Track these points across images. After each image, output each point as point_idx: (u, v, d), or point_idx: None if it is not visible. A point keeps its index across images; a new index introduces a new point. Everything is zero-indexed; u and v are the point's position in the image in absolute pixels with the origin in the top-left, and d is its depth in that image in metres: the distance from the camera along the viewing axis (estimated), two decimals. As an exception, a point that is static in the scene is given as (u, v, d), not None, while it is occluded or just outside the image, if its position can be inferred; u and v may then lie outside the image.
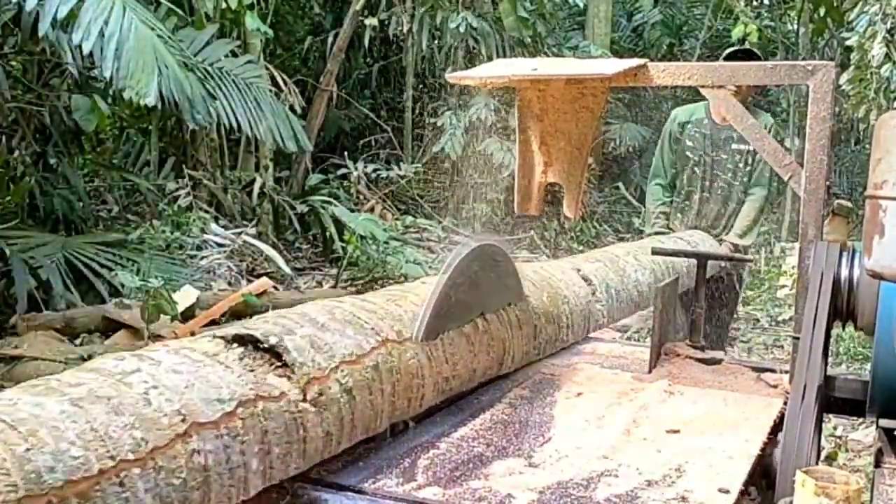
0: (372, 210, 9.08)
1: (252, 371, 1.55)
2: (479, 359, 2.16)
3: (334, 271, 7.70)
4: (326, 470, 1.72)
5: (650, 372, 2.54)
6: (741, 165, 4.54)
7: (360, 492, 1.65)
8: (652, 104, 12.63)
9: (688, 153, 4.61)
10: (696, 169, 4.59)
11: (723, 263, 4.18)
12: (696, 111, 4.65)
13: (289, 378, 1.58)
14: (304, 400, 1.58)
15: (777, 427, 2.09)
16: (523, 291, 2.41)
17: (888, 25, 5.94)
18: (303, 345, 1.65)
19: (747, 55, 4.25)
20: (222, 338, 1.62)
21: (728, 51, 4.48)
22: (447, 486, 1.67)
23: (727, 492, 1.69)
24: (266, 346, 1.60)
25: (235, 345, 1.60)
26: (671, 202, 4.71)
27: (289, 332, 1.66)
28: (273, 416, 1.50)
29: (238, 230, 7.55)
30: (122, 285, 5.58)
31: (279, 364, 1.60)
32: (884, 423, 2.18)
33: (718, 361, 2.68)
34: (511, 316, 2.32)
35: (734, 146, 4.52)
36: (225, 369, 1.51)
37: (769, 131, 3.83)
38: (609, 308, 2.97)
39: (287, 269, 7.27)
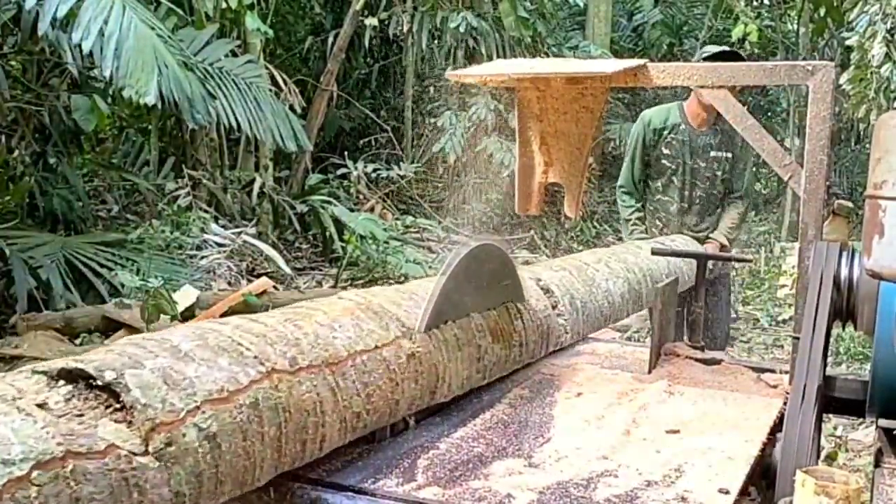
0: (372, 210, 9.09)
1: (79, 416, 1.23)
2: (404, 388, 1.82)
3: (334, 271, 7.70)
4: (326, 470, 1.72)
5: (650, 372, 2.54)
6: (719, 174, 4.31)
7: (360, 492, 1.65)
8: (652, 104, 12.62)
9: (665, 161, 4.33)
10: (674, 178, 4.33)
11: (713, 265, 4.03)
12: (669, 115, 4.34)
13: (129, 424, 1.26)
14: (145, 453, 1.25)
15: (777, 427, 2.09)
16: (523, 292, 2.40)
17: (888, 25, 5.95)
18: (152, 381, 1.33)
19: (731, 57, 4.02)
20: (45, 373, 1.30)
21: (710, 52, 4.21)
22: (447, 486, 1.67)
23: (727, 492, 1.69)
24: (101, 383, 1.29)
25: (62, 382, 1.28)
26: (643, 206, 4.45)
27: (135, 366, 1.35)
28: (92, 478, 1.17)
29: (238, 230, 7.55)
30: (122, 285, 5.59)
31: (118, 407, 1.28)
32: (884, 423, 2.18)
33: (718, 362, 2.68)
34: (447, 335, 1.99)
35: (713, 154, 4.29)
36: (25, 418, 1.17)
37: None
38: (573, 322, 2.67)
39: (287, 269, 7.28)
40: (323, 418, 1.60)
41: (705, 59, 4.10)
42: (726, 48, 4.42)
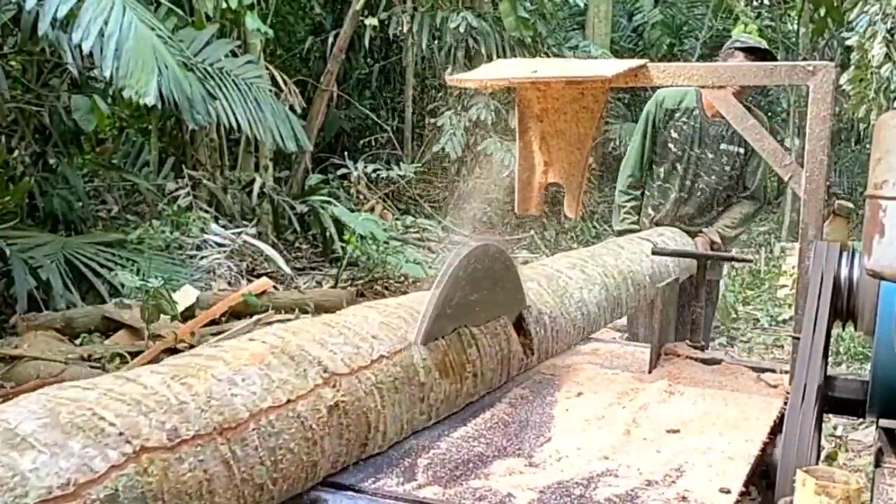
0: (372, 210, 9.10)
1: None
2: (324, 446, 1.55)
3: (334, 271, 7.70)
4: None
5: (650, 372, 2.54)
6: (727, 168, 4.11)
7: (360, 492, 1.64)
8: (652, 104, 12.63)
9: (670, 145, 4.12)
10: (677, 165, 4.12)
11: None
12: (685, 98, 4.12)
13: None
14: None
15: (777, 427, 2.09)
16: (525, 297, 2.39)
17: (888, 25, 5.96)
18: None
19: (756, 52, 3.88)
20: None
21: (744, 42, 4.02)
22: (447, 485, 1.67)
23: (728, 492, 1.69)
24: None
25: None
26: (642, 195, 4.26)
27: None
28: None
29: (238, 230, 7.56)
30: (122, 285, 5.60)
31: None
32: (884, 423, 2.18)
33: (718, 362, 2.68)
34: (380, 376, 1.74)
35: (723, 146, 4.09)
36: None
37: None
38: (540, 340, 2.43)
39: (287, 269, 7.29)
40: (211, 500, 1.30)
41: (737, 48, 3.97)
42: (763, 45, 4.13)
